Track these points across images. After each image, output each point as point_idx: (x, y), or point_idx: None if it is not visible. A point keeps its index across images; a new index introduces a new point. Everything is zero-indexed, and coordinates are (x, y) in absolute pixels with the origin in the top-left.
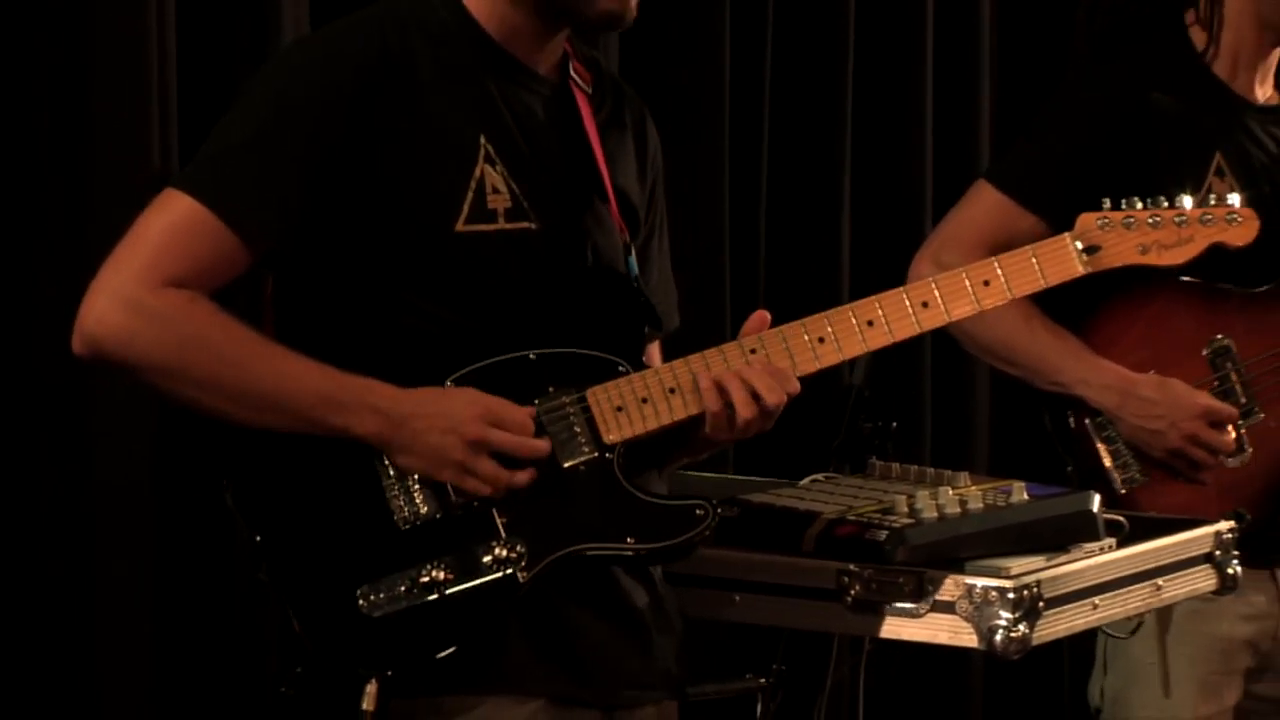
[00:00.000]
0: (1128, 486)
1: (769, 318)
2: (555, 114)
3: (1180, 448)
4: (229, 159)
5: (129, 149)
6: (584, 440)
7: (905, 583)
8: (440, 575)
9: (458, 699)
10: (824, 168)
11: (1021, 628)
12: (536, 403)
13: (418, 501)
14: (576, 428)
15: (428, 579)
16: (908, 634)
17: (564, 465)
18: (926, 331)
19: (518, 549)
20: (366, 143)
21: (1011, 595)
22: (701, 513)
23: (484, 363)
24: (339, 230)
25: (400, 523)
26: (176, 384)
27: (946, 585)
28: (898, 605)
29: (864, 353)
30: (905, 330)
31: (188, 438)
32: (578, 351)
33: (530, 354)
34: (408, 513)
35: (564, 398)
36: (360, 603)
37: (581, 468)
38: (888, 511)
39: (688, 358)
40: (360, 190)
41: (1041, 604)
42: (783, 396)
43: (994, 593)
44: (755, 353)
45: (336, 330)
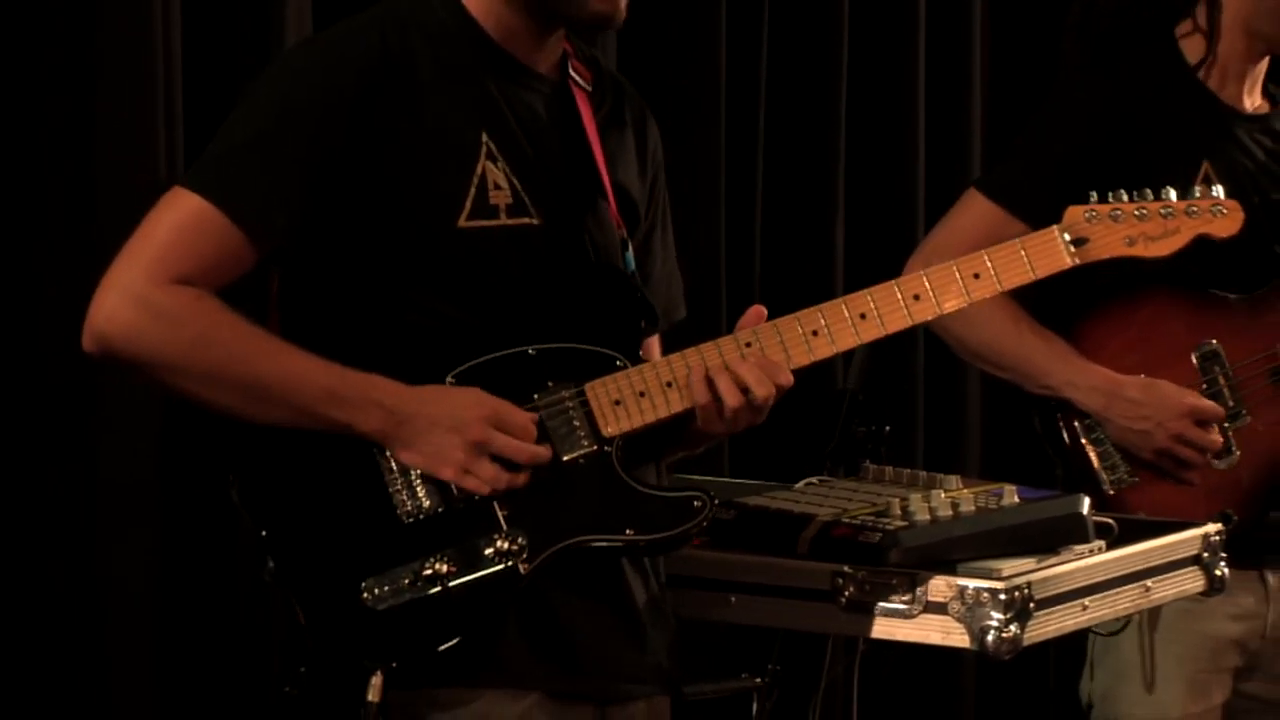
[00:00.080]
0: (1116, 487)
1: (765, 312)
2: (555, 112)
3: (1168, 447)
4: (235, 158)
5: (134, 148)
6: (583, 434)
7: (898, 584)
8: (443, 568)
9: (454, 692)
10: (818, 171)
11: (1013, 628)
12: (536, 397)
13: (420, 495)
14: (575, 422)
15: (431, 572)
16: (901, 634)
17: (563, 459)
18: (918, 324)
19: (519, 541)
20: (369, 142)
21: (1003, 596)
22: (699, 504)
23: (484, 358)
24: (343, 227)
25: (403, 516)
26: (184, 380)
27: (939, 587)
28: (891, 606)
29: (857, 345)
30: (897, 322)
31: (192, 435)
32: (576, 346)
33: (529, 349)
34: (410, 506)
35: (563, 392)
36: (364, 596)
37: (581, 461)
38: (881, 514)
39: (684, 351)
40: (364, 188)
41: (1032, 605)
42: (771, 389)
43: (985, 594)
44: (750, 346)
45: (340, 326)
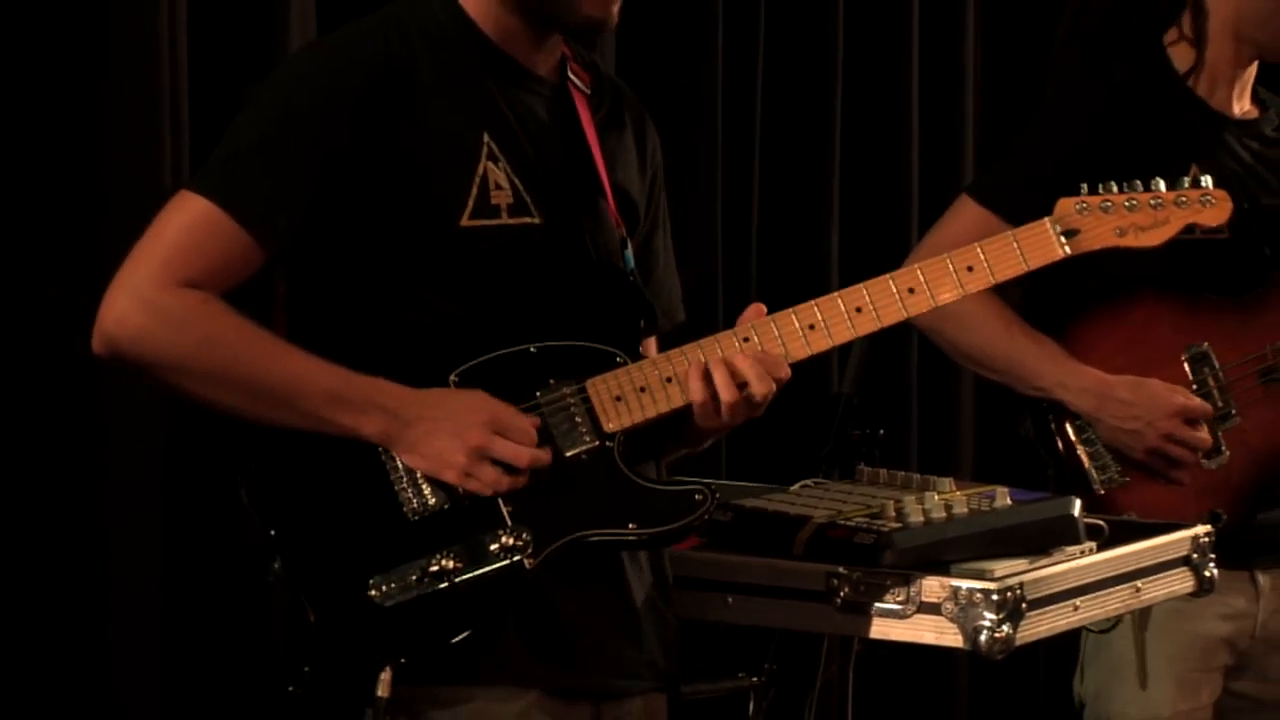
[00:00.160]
0: (1107, 487)
1: (764, 309)
2: (555, 113)
3: (1158, 446)
4: (240, 161)
5: (141, 152)
6: (585, 430)
7: (893, 585)
8: (449, 564)
9: (455, 689)
10: (814, 175)
11: (1005, 628)
12: (538, 394)
13: (425, 493)
14: (577, 418)
15: (437, 568)
16: (895, 634)
17: (566, 454)
18: (913, 316)
19: (524, 537)
20: (372, 143)
21: (995, 597)
22: (700, 497)
23: (487, 356)
24: (347, 228)
25: (409, 514)
26: (192, 382)
27: (932, 587)
28: (885, 607)
29: (853, 338)
30: (892, 315)
31: (198, 437)
32: (577, 344)
33: (531, 347)
34: (416, 504)
35: (564, 389)
36: (372, 593)
37: (583, 456)
38: (876, 516)
39: (683, 347)
40: (367, 189)
41: (1024, 605)
42: (770, 386)
43: (978, 594)
44: (748, 341)
45: (345, 326)
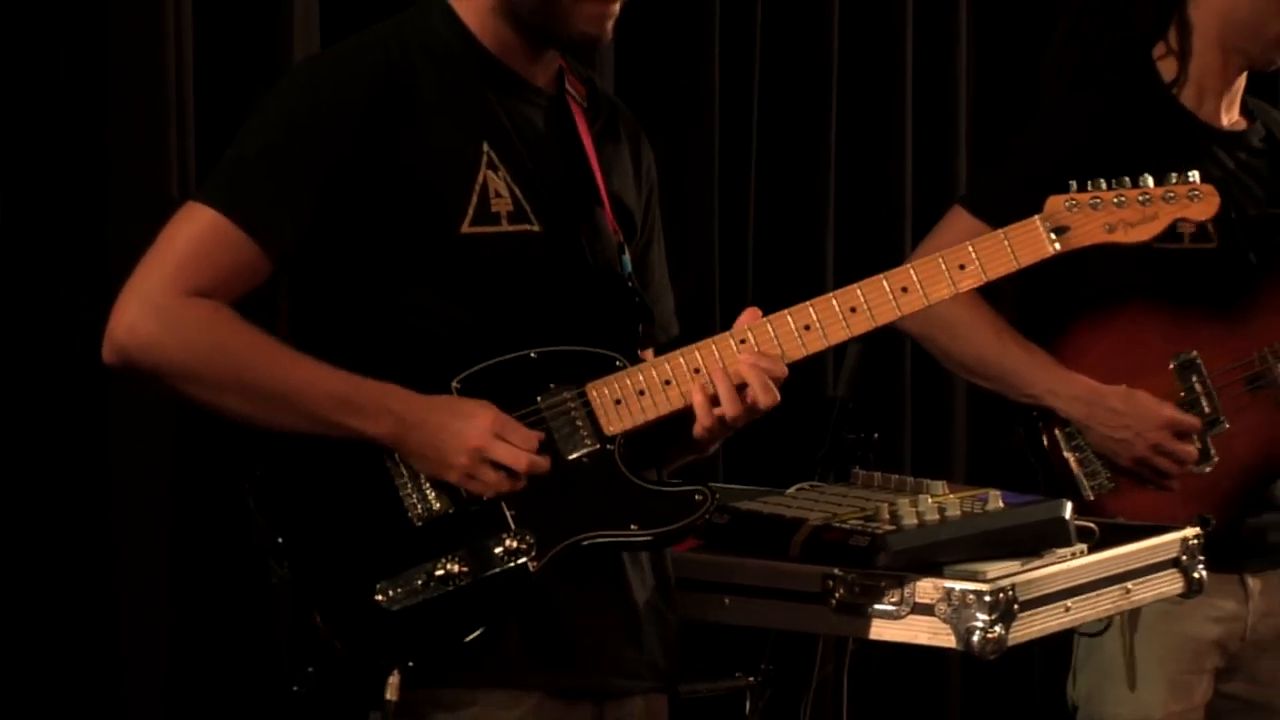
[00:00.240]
0: (1096, 493)
1: (760, 313)
2: (553, 124)
3: (1145, 456)
4: (246, 171)
5: (148, 161)
6: (586, 433)
7: (887, 586)
8: (454, 568)
9: (457, 692)
10: (809, 185)
11: (997, 629)
12: (539, 399)
13: (430, 498)
14: (578, 421)
15: (443, 572)
16: (889, 635)
17: (568, 458)
18: (906, 315)
19: (527, 540)
20: (374, 153)
21: (988, 598)
22: (700, 498)
23: (489, 362)
24: (351, 235)
25: (414, 519)
26: (202, 389)
27: (926, 589)
28: (880, 607)
29: (848, 338)
30: (886, 314)
31: (204, 445)
32: (577, 349)
33: (532, 353)
34: (421, 509)
35: (565, 393)
36: (379, 597)
37: (585, 459)
38: (870, 519)
39: (681, 350)
40: (370, 197)
41: (1016, 606)
42: (775, 395)
43: (971, 596)
44: (745, 342)
45: (349, 333)
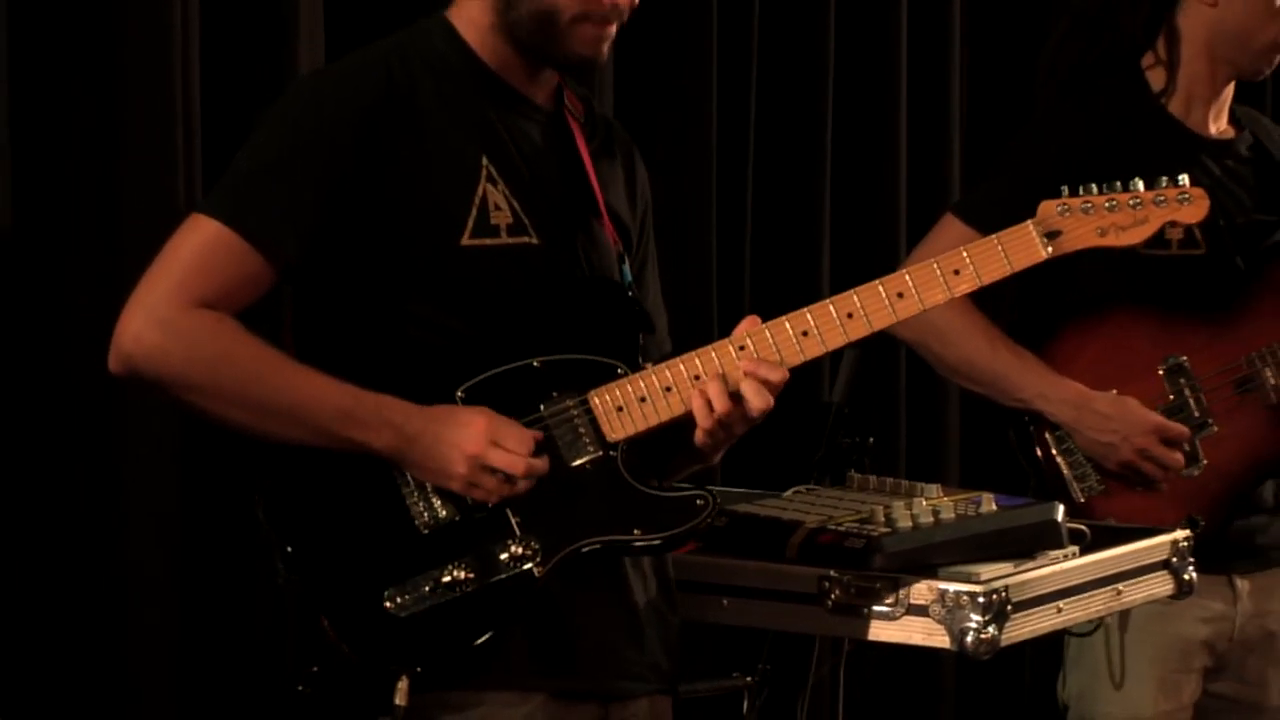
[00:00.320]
0: (1086, 495)
1: (759, 320)
2: (551, 139)
3: (1131, 461)
4: (250, 184)
5: (156, 173)
6: (588, 440)
7: (882, 588)
8: (461, 574)
9: (463, 694)
10: (805, 195)
11: (991, 629)
12: (542, 407)
13: (436, 505)
14: (581, 429)
15: (450, 579)
16: (884, 635)
17: (571, 464)
18: (903, 319)
19: (532, 545)
20: (375, 166)
21: (981, 599)
22: (702, 502)
23: (491, 372)
24: (353, 248)
25: (421, 527)
26: (205, 400)
27: (920, 590)
28: (875, 609)
29: (845, 343)
30: (883, 319)
31: (212, 446)
32: (578, 357)
33: (534, 362)
34: (427, 517)
35: (567, 401)
36: (387, 604)
37: (588, 466)
38: (865, 521)
39: (681, 356)
40: (371, 210)
41: (1009, 607)
42: (768, 400)
43: (965, 597)
44: (744, 349)
45: (352, 344)
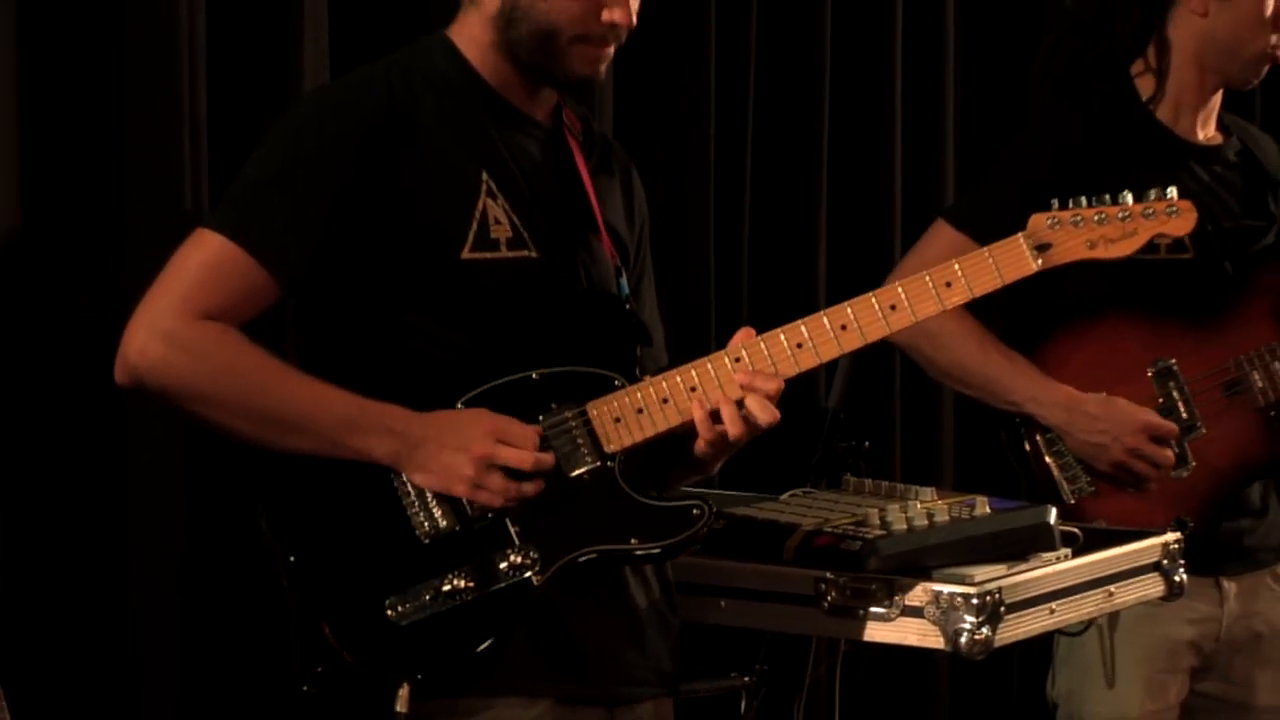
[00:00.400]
0: (1076, 496)
1: (754, 332)
2: (550, 155)
3: (1122, 460)
4: (254, 198)
5: (162, 186)
6: (586, 451)
7: (877, 589)
8: (461, 583)
9: (471, 701)
10: (801, 205)
11: (984, 631)
12: (541, 419)
13: (436, 515)
14: (579, 440)
15: (450, 587)
16: (880, 636)
17: (570, 475)
18: (896, 331)
19: (531, 555)
20: (377, 181)
21: (975, 601)
22: (698, 512)
23: (491, 384)
24: (355, 261)
25: (421, 536)
26: (210, 410)
27: (915, 592)
28: (871, 610)
29: (839, 355)
30: (876, 331)
31: (217, 450)
32: (577, 370)
33: (533, 374)
34: (428, 526)
35: (566, 413)
36: (388, 613)
37: (586, 476)
38: (861, 524)
39: (678, 368)
40: (373, 224)
41: (1003, 609)
42: (774, 414)
43: (959, 598)
44: (740, 361)
45: (355, 356)
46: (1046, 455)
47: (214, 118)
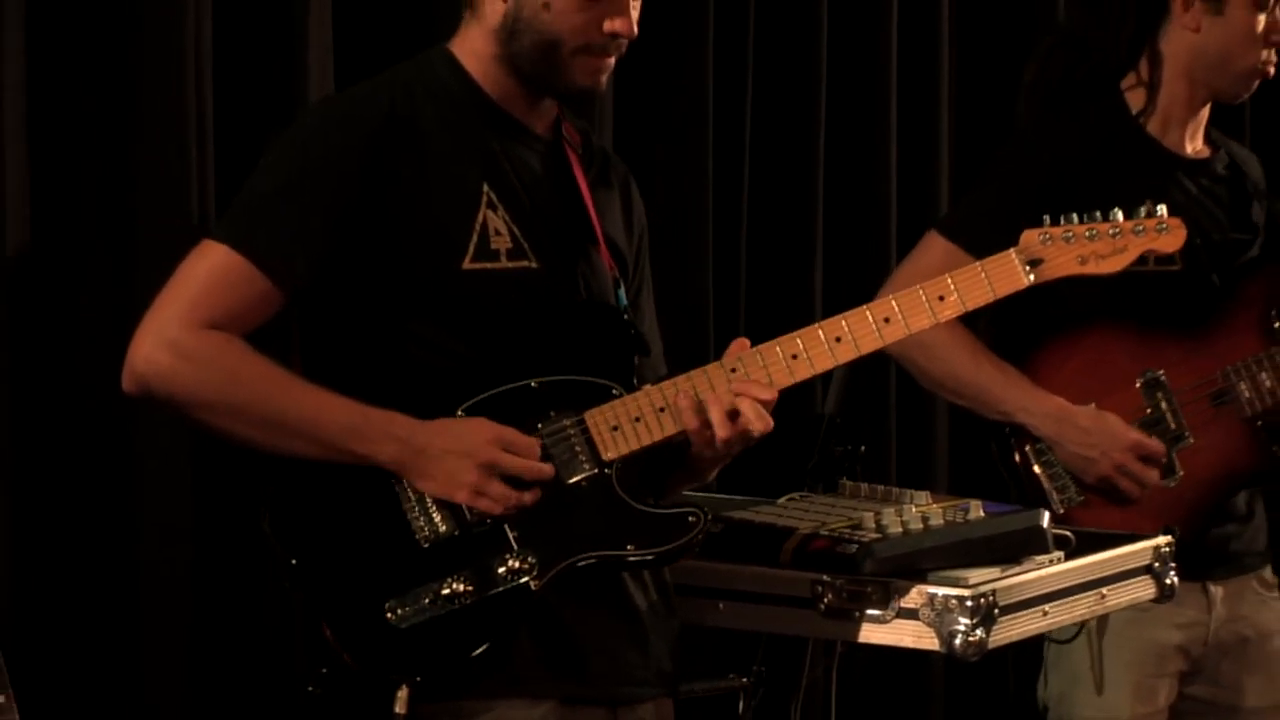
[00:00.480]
0: (1066, 506)
1: (748, 343)
2: (550, 167)
3: (1109, 475)
4: (258, 210)
5: (170, 198)
6: (584, 458)
7: (873, 592)
8: (460, 587)
9: (475, 702)
10: (798, 219)
11: (979, 632)
12: (540, 426)
13: (436, 520)
14: (577, 447)
15: (449, 591)
16: (875, 638)
17: (567, 482)
18: (889, 344)
19: (529, 560)
20: (379, 192)
21: (969, 603)
22: (694, 519)
23: (491, 392)
24: (357, 271)
25: (421, 541)
26: (215, 417)
27: (911, 594)
28: (867, 612)
29: (833, 366)
30: (870, 344)
31: (222, 467)
32: (575, 378)
33: (532, 382)
34: (428, 531)
35: (565, 421)
36: (388, 616)
37: (584, 483)
38: (857, 527)
39: (675, 379)
40: (375, 234)
41: (997, 611)
42: (769, 422)
43: (954, 601)
44: (736, 372)
45: (357, 364)
46: (1036, 465)
47: (220, 130)
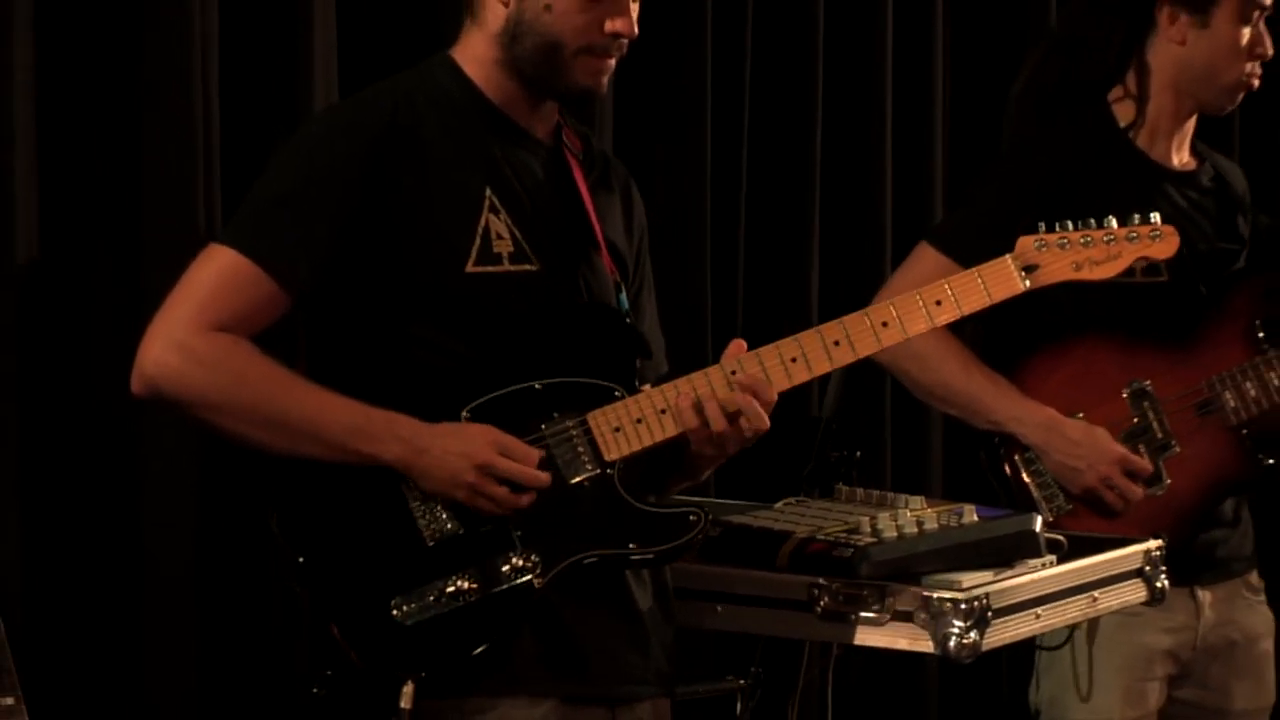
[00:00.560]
0: (1054, 514)
1: (745, 345)
2: (551, 171)
3: (1094, 487)
4: (264, 215)
5: (177, 204)
6: (587, 459)
7: (869, 595)
8: (465, 585)
9: (477, 700)
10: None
11: (972, 635)
12: (543, 427)
13: (442, 519)
14: (580, 448)
15: (454, 588)
16: (871, 640)
17: (570, 482)
18: (886, 347)
19: (532, 558)
20: (383, 197)
21: (963, 606)
22: (694, 518)
23: (496, 393)
24: (362, 275)
25: (427, 539)
26: (222, 418)
27: (905, 597)
28: (862, 615)
29: (831, 369)
30: (867, 347)
31: (228, 468)
32: (578, 380)
33: (536, 384)
34: (434, 529)
35: (567, 422)
36: (394, 613)
37: (586, 483)
38: (853, 531)
39: (675, 381)
40: (379, 239)
41: (990, 614)
42: (765, 421)
43: (948, 603)
44: (735, 374)
45: (363, 366)
46: (1025, 474)
47: (227, 138)
